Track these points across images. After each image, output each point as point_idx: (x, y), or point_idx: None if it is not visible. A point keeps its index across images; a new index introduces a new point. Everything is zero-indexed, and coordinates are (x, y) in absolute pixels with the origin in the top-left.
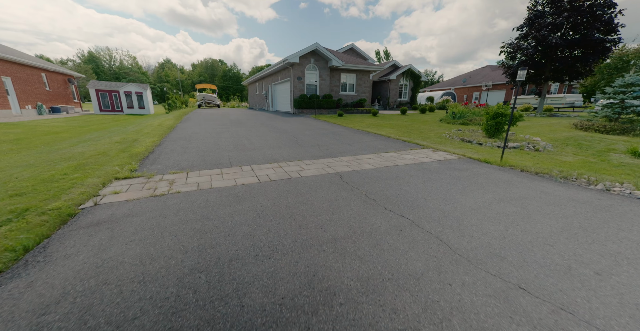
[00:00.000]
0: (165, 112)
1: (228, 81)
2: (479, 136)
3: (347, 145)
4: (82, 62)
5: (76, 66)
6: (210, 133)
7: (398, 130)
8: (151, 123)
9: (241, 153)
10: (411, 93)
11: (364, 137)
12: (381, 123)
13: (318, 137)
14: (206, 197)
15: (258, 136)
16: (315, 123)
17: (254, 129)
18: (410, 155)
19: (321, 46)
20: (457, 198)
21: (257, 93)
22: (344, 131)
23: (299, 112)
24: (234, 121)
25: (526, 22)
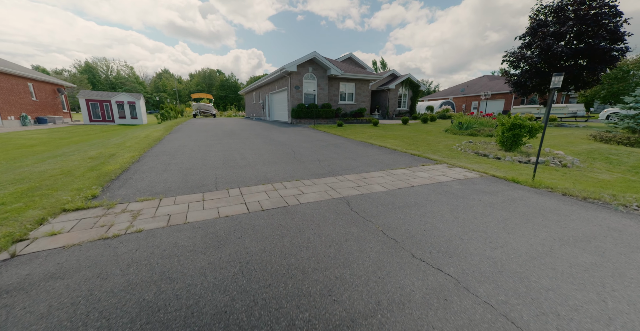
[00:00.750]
0: (157, 123)
1: (226, 91)
2: (494, 149)
3: (350, 160)
4: (78, 72)
5: (71, 76)
6: (199, 147)
7: (403, 141)
8: (137, 135)
9: (231, 171)
10: (410, 102)
11: (368, 150)
12: (384, 134)
13: (318, 151)
14: (175, 237)
15: (252, 149)
16: (314, 134)
17: (248, 141)
18: (424, 172)
19: (319, 55)
20: (503, 237)
21: (253, 103)
22: (345, 143)
23: (297, 122)
24: (228, 132)
25: (529, 31)
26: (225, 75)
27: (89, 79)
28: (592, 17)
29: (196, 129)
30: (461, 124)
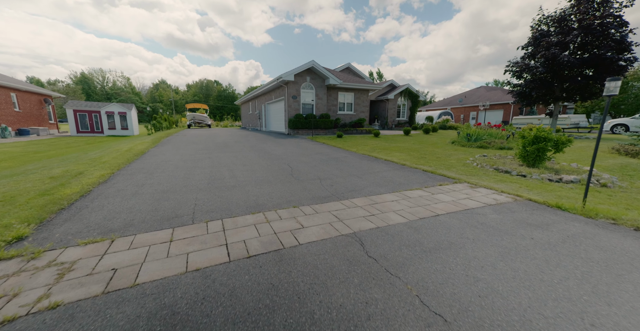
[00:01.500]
0: (147, 134)
1: (223, 101)
2: (514, 164)
3: (356, 178)
4: (73, 83)
5: (65, 87)
6: (184, 162)
7: (410, 155)
8: (119, 149)
9: (216, 195)
10: (409, 112)
11: (374, 165)
12: (387, 146)
13: (318, 166)
14: (107, 320)
15: (244, 165)
16: (312, 146)
17: (240, 155)
18: (445, 194)
19: (318, 64)
20: (605, 313)
21: (250, 113)
22: (347, 157)
23: (294, 133)
24: (220, 144)
25: (531, 41)
26: (223, 85)
27: (84, 89)
28: (597, 26)
29: (186, 141)
30: (469, 136)
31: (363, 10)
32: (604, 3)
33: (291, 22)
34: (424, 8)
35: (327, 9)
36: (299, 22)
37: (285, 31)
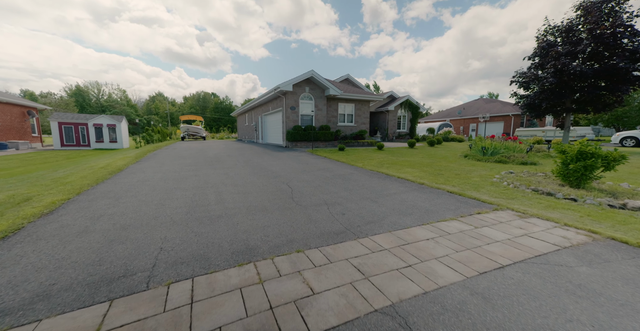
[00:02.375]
0: (135, 147)
1: (220, 113)
2: (552, 184)
3: (370, 203)
4: (67, 96)
5: (57, 99)
6: (165, 182)
7: (424, 171)
8: (94, 165)
9: (192, 231)
10: (410, 124)
11: (388, 185)
12: (395, 161)
13: (322, 186)
14: None
15: (235, 185)
16: (313, 160)
17: (233, 172)
18: (493, 228)
19: (317, 74)
20: None
21: (246, 125)
22: (353, 173)
23: (292, 146)
24: (212, 159)
25: (537, 52)
26: (220, 97)
27: (78, 102)
28: (609, 36)
29: (175, 155)
30: (485, 149)
31: (357, 26)
32: (612, 13)
33: (288, 37)
34: (416, 25)
35: (322, 25)
36: (296, 37)
37: (282, 46)
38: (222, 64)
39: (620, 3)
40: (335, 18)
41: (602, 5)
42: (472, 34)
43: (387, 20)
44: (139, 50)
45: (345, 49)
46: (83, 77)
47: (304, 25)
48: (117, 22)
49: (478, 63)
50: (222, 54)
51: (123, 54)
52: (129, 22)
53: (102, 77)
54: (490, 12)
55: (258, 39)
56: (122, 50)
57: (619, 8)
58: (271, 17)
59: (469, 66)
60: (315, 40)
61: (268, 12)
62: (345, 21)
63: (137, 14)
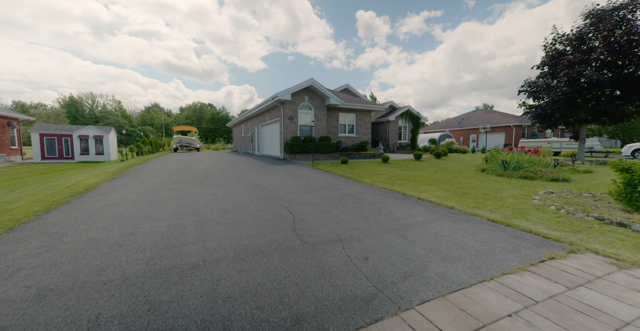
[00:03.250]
0: (120, 160)
1: (216, 123)
2: (610, 207)
3: (398, 238)
4: (61, 106)
5: (48, 110)
6: (137, 207)
7: (444, 189)
8: (59, 184)
9: (147, 301)
10: (411, 135)
11: (410, 209)
12: (406, 176)
13: (331, 210)
14: None
15: (224, 211)
16: (315, 175)
17: (223, 191)
18: (596, 292)
19: (317, 82)
20: None
21: (242, 136)
22: (364, 192)
23: (290, 158)
24: (200, 174)
25: (546, 61)
26: (217, 108)
27: (71, 112)
28: (625, 43)
29: (160, 170)
30: (506, 163)
31: (352, 40)
32: (624, 21)
33: (285, 50)
34: (409, 39)
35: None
36: (292, 50)
37: (279, 58)
38: (219, 76)
39: (632, 11)
40: (330, 32)
41: (612, 13)
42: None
43: (381, 34)
44: (136, 62)
45: (341, 61)
46: (79, 88)
47: (300, 39)
48: (116, 36)
49: (470, 76)
50: (219, 66)
51: (121, 66)
52: (128, 35)
53: (99, 89)
54: (480, 28)
55: (255, 51)
56: (119, 62)
57: (631, 16)
58: (268, 31)
59: (461, 79)
60: (312, 53)
61: (265, 26)
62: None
63: (136, 28)
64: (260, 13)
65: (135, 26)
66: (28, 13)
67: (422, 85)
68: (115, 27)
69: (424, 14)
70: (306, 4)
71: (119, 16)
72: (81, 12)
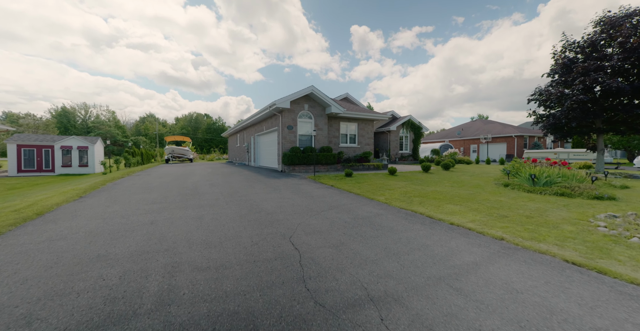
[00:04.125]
0: (102, 173)
1: (212, 134)
2: None
3: (455, 297)
4: (52, 117)
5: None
6: (91, 241)
7: (474, 209)
8: (10, 205)
9: None
10: (412, 145)
11: (449, 241)
12: (423, 192)
13: (348, 244)
14: None
15: (207, 246)
16: (319, 191)
17: (210, 214)
18: None
19: (318, 90)
20: None
21: (237, 146)
22: (382, 215)
23: (289, 170)
24: (188, 190)
25: (557, 69)
26: (213, 118)
27: (62, 123)
28: None
29: (141, 185)
30: (535, 178)
31: (347, 53)
32: (638, 27)
33: (281, 63)
34: (402, 53)
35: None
36: (289, 63)
37: (275, 70)
38: (216, 87)
39: None
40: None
41: (625, 20)
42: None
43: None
44: (133, 73)
45: (336, 73)
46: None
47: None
48: (114, 48)
49: (461, 88)
50: (216, 77)
51: (117, 77)
52: (126, 47)
53: (95, 99)
54: (469, 43)
55: (252, 63)
56: (116, 74)
57: None
58: (265, 44)
59: (453, 91)
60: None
61: (262, 39)
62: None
63: (134, 41)
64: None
65: (133, 39)
66: (27, 26)
67: (416, 97)
68: (114, 39)
69: (415, 29)
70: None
71: (117, 29)
72: (80, 25)
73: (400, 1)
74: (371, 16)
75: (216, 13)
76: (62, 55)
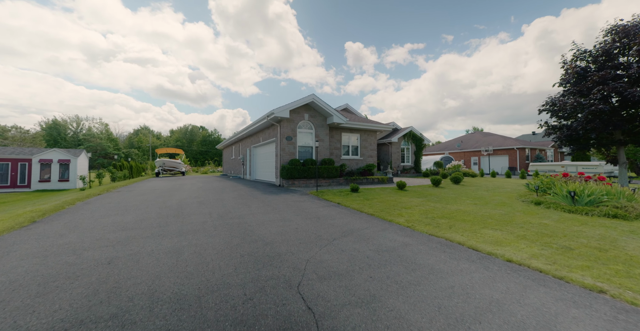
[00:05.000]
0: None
1: (207, 146)
2: None
3: None
4: (42, 129)
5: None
6: (8, 297)
7: (521, 237)
8: None
9: None
10: (414, 157)
11: (528, 295)
12: (446, 212)
13: (382, 298)
14: None
15: (179, 306)
16: (325, 211)
17: (192, 247)
18: None
19: (319, 98)
20: None
21: (232, 158)
22: (412, 245)
23: (288, 184)
24: (172, 210)
25: (569, 78)
26: (208, 131)
27: (52, 136)
28: None
29: (117, 204)
30: (576, 195)
31: (342, 68)
32: None
33: (277, 77)
34: (395, 68)
35: (310, 67)
36: (285, 77)
37: (271, 84)
38: (212, 100)
39: None
40: (321, 61)
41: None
42: (445, 77)
43: (369, 63)
44: (129, 87)
45: (332, 87)
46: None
47: (292, 66)
48: (111, 62)
49: (453, 102)
50: (213, 90)
51: (113, 91)
52: (123, 62)
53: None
54: (459, 60)
55: (249, 77)
56: (112, 87)
57: None
58: (262, 59)
59: (445, 104)
60: (303, 79)
61: (259, 54)
62: (331, 63)
63: (132, 55)
64: (254, 42)
65: (131, 53)
66: (24, 41)
67: (410, 110)
68: (112, 54)
69: (407, 46)
70: (298, 35)
71: (116, 44)
72: (79, 40)
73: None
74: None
75: (214, 29)
76: (58, 69)
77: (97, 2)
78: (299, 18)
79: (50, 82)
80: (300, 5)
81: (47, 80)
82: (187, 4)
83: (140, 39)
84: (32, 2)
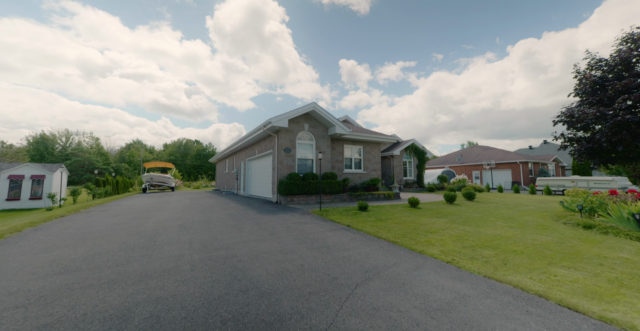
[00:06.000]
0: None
1: (201, 160)
2: None
3: None
4: (28, 144)
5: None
6: None
7: (615, 282)
8: None
9: None
10: (417, 171)
11: None
12: (485, 239)
13: None
14: None
15: None
16: (335, 238)
17: (151, 302)
18: None
19: (320, 107)
20: None
21: (225, 172)
22: (470, 298)
23: (287, 201)
24: (143, 238)
25: (586, 89)
26: (203, 144)
27: (38, 150)
28: None
29: (77, 230)
30: (635, 216)
31: (337, 84)
32: None
33: (273, 92)
34: (388, 84)
35: (305, 82)
36: (281, 92)
37: (267, 99)
38: (208, 114)
39: None
40: (316, 77)
41: None
42: (436, 94)
43: (363, 80)
44: (124, 102)
45: (327, 102)
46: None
47: (288, 82)
48: (106, 77)
49: (445, 117)
50: (209, 105)
51: (108, 106)
52: (119, 77)
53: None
54: (449, 77)
55: (245, 92)
56: (107, 102)
57: None
58: (258, 75)
59: (438, 119)
60: (299, 95)
61: (255, 70)
62: (326, 79)
63: (129, 71)
64: (251, 59)
65: (128, 69)
66: (19, 57)
67: (404, 125)
68: (108, 70)
69: (399, 64)
70: (293, 52)
71: (113, 61)
72: (75, 57)
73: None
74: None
75: (211, 46)
76: (52, 85)
77: (95, 21)
78: (295, 36)
79: (44, 97)
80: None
81: (40, 95)
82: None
83: (137, 56)
84: (31, 20)
